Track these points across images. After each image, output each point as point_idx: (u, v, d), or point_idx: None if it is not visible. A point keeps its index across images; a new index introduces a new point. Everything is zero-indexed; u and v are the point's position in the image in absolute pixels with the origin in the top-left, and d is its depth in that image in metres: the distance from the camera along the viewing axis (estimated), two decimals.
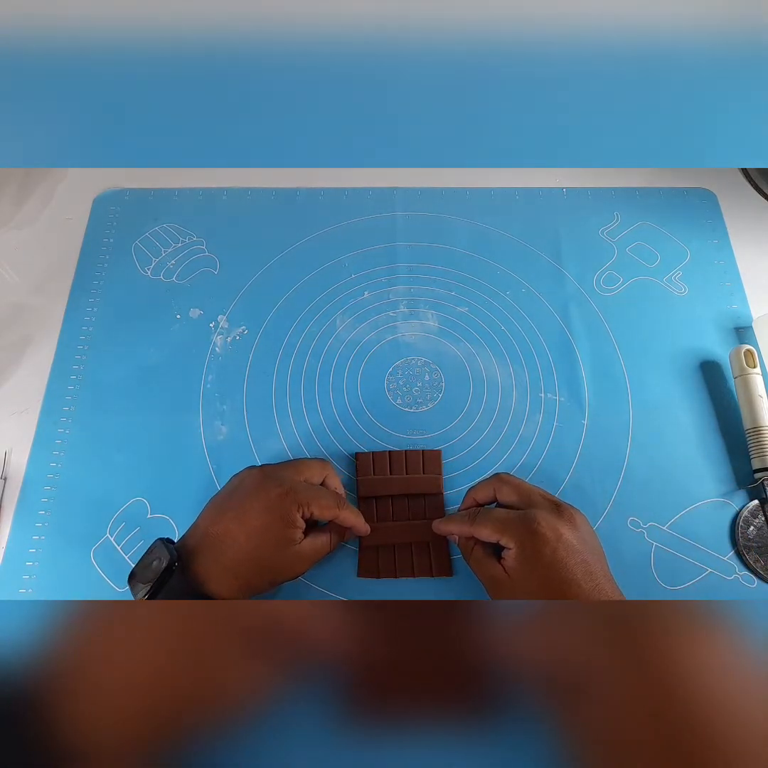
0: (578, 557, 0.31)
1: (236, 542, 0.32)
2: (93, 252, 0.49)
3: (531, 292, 0.47)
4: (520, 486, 0.35)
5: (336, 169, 0.52)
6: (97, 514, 0.39)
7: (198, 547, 0.32)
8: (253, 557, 0.32)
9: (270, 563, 0.33)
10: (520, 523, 0.32)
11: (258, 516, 0.32)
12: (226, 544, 0.32)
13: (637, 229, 0.50)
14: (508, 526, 0.32)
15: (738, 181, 0.53)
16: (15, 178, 0.52)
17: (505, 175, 0.52)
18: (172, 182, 0.52)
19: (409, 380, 0.44)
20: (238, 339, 0.45)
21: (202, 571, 0.31)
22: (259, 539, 0.32)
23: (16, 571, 0.37)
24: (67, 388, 0.43)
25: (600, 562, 0.32)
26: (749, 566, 0.37)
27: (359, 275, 0.48)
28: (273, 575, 0.33)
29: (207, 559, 0.31)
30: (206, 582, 0.31)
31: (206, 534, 0.32)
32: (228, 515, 0.33)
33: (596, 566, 0.31)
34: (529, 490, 0.35)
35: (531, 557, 0.31)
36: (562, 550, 0.31)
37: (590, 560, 0.31)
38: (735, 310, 0.46)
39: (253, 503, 0.33)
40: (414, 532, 0.38)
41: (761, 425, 0.40)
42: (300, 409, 0.43)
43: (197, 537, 0.33)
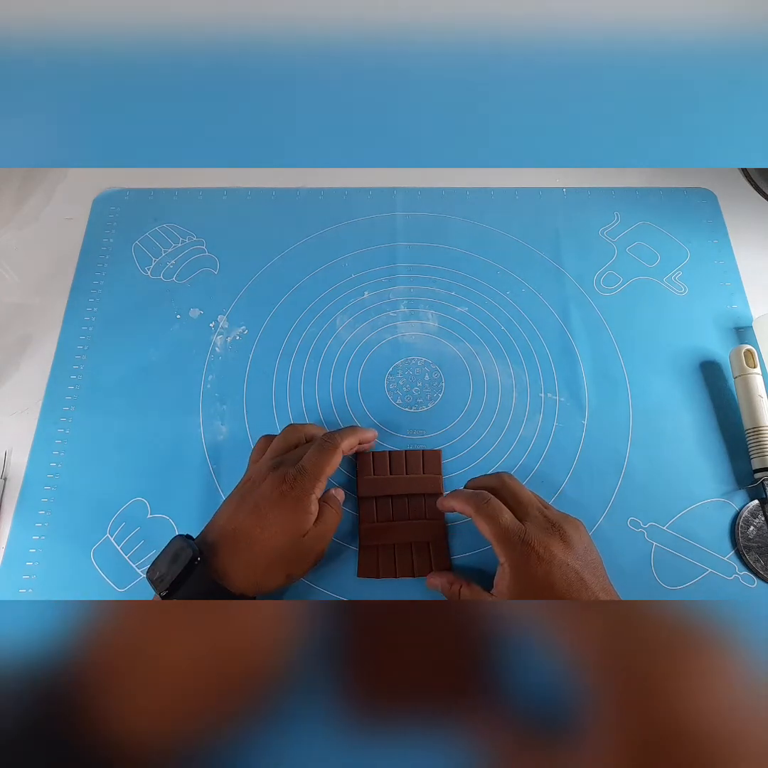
0: (572, 576, 0.30)
1: (252, 536, 0.32)
2: (93, 252, 0.49)
3: (531, 292, 0.47)
4: (519, 493, 0.35)
5: (336, 169, 0.52)
6: (97, 514, 0.39)
7: (216, 543, 0.32)
8: (269, 550, 0.32)
9: (289, 554, 0.33)
10: (518, 540, 0.31)
11: (271, 511, 0.33)
12: (243, 539, 0.32)
13: (637, 229, 0.50)
14: (508, 538, 0.32)
15: (738, 181, 0.53)
16: (15, 178, 0.52)
17: (505, 175, 0.52)
18: (172, 182, 0.52)
19: (409, 380, 0.44)
20: (238, 339, 0.45)
21: (221, 566, 0.31)
22: (274, 531, 0.32)
23: (16, 571, 0.37)
24: (67, 388, 0.43)
25: (597, 576, 0.32)
26: (749, 566, 0.37)
27: (359, 275, 0.48)
28: (290, 568, 0.33)
29: (225, 555, 0.32)
30: (225, 577, 0.31)
31: (224, 529, 0.33)
32: (243, 511, 0.33)
33: (593, 582, 0.31)
34: (528, 501, 0.34)
35: (525, 579, 0.31)
36: (556, 572, 0.30)
37: (586, 577, 0.31)
38: (735, 310, 0.46)
39: (266, 497, 0.33)
40: (414, 532, 0.38)
41: (761, 425, 0.40)
42: (300, 409, 0.43)
43: (215, 533, 0.33)
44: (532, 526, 0.32)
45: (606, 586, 0.32)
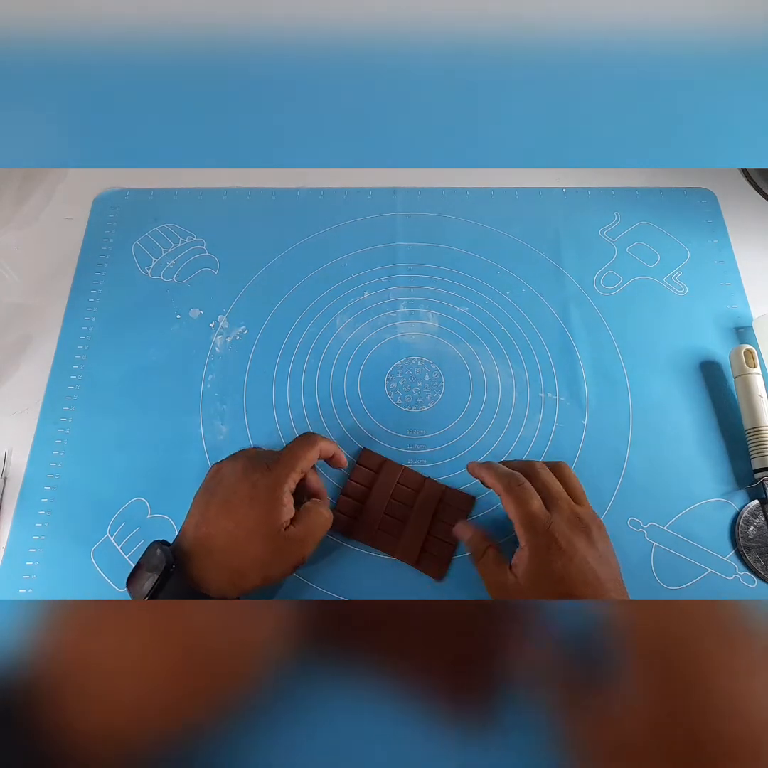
0: (590, 575, 0.30)
1: (225, 535, 0.32)
2: (93, 252, 0.49)
3: (531, 292, 0.47)
4: (550, 484, 0.34)
5: (336, 169, 0.52)
6: (97, 514, 0.39)
7: (191, 549, 0.32)
8: (243, 549, 0.31)
9: (261, 553, 0.32)
10: (543, 529, 0.31)
11: (243, 503, 0.32)
12: (216, 541, 0.32)
13: (637, 229, 0.50)
14: (533, 525, 0.31)
15: (738, 181, 0.53)
16: (15, 178, 0.52)
17: (505, 175, 0.52)
18: (172, 182, 0.52)
19: (409, 380, 0.44)
20: (238, 339, 0.45)
21: (196, 571, 0.31)
22: (247, 527, 0.31)
23: (16, 571, 0.37)
24: (67, 388, 0.43)
25: (613, 579, 0.32)
26: (749, 566, 0.37)
27: (359, 275, 0.48)
28: (265, 569, 0.32)
29: (200, 559, 0.31)
30: (202, 582, 0.31)
31: (196, 534, 0.32)
32: (213, 510, 0.33)
33: (609, 584, 0.31)
34: (557, 493, 0.34)
35: (542, 568, 0.31)
36: (574, 567, 0.30)
37: (603, 577, 0.31)
38: (735, 310, 0.46)
39: (237, 491, 0.32)
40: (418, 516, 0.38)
41: (761, 425, 0.40)
42: (300, 409, 0.43)
43: (188, 538, 0.32)
44: (559, 518, 0.32)
45: (620, 588, 0.32)
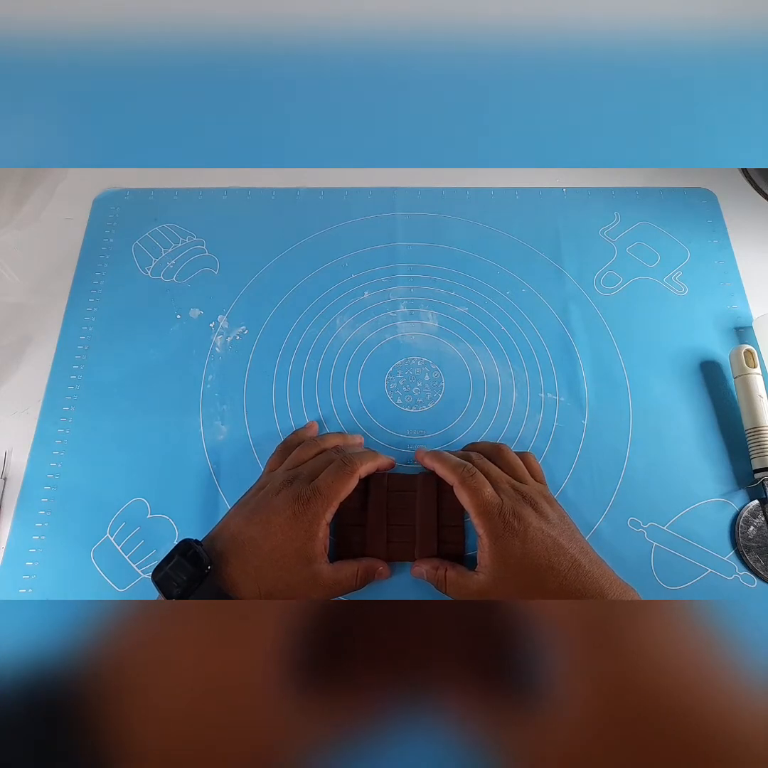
0: (549, 542, 0.32)
1: (260, 553, 0.32)
2: (93, 252, 0.49)
3: (531, 292, 0.47)
4: (488, 471, 0.35)
5: (336, 169, 0.52)
6: (97, 514, 0.39)
7: (226, 552, 0.32)
8: (274, 570, 0.32)
9: (289, 578, 0.32)
10: (497, 513, 0.32)
11: (281, 529, 0.32)
12: (251, 552, 0.32)
13: (637, 229, 0.50)
14: (488, 511, 0.33)
15: (738, 181, 0.53)
16: (15, 178, 0.52)
17: (505, 175, 0.52)
18: (172, 182, 0.52)
19: (409, 380, 0.44)
20: (238, 339, 0.45)
21: (228, 576, 0.31)
22: (281, 552, 0.32)
23: (16, 571, 0.37)
24: (67, 388, 0.43)
25: (574, 540, 0.33)
26: (749, 566, 0.37)
27: (359, 275, 0.48)
28: (291, 592, 0.33)
29: (234, 565, 0.32)
30: (233, 587, 0.31)
31: (234, 539, 0.33)
32: (254, 522, 0.33)
33: (570, 545, 0.32)
34: (498, 477, 0.35)
35: (504, 551, 0.32)
36: (531, 540, 0.32)
37: (563, 542, 0.32)
38: (735, 310, 0.46)
39: (278, 513, 0.33)
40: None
41: (761, 425, 0.40)
42: (300, 409, 0.43)
43: (225, 540, 0.33)
44: (507, 499, 0.33)
45: (584, 547, 0.33)
